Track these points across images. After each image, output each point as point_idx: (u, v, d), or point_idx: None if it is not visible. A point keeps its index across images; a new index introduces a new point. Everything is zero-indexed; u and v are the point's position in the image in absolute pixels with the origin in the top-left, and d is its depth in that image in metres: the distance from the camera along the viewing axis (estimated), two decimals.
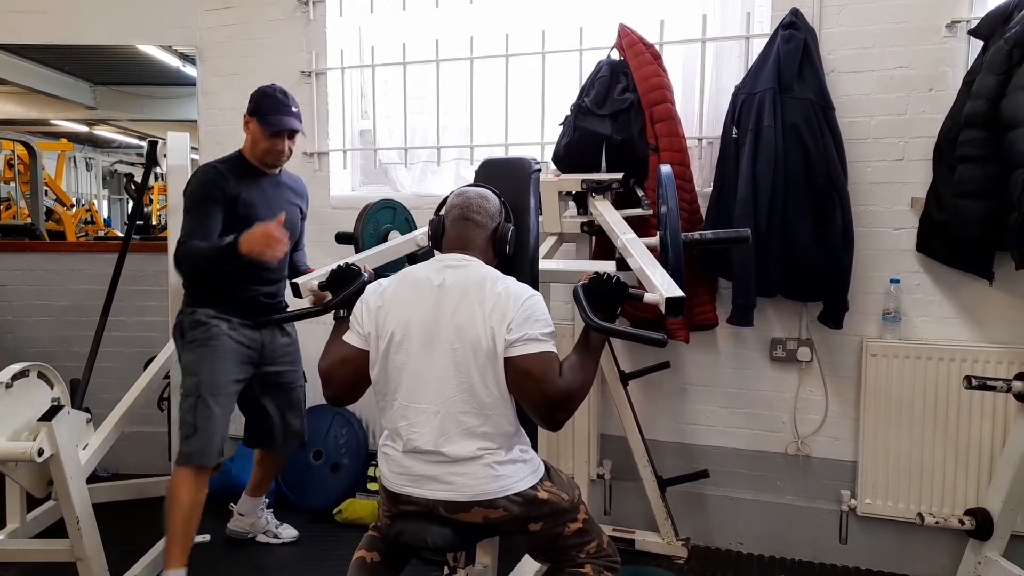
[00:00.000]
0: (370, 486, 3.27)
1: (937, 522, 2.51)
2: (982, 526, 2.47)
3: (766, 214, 2.55)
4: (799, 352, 2.80)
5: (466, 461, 1.62)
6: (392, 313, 1.69)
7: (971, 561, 2.50)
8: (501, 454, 1.64)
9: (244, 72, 3.44)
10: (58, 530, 2.63)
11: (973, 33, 2.49)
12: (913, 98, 2.62)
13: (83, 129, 11.87)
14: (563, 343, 1.75)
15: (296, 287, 2.04)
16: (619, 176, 2.59)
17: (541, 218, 2.53)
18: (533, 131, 3.19)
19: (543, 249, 2.48)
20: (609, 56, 2.84)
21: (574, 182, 2.59)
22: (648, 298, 1.70)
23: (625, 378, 2.77)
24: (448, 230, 1.82)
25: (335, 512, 3.16)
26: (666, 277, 1.76)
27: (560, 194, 2.61)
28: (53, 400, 2.54)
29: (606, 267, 1.99)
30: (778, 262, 2.59)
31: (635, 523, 2.96)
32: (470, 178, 2.11)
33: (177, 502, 2.37)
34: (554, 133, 2.90)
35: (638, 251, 1.95)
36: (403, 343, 1.67)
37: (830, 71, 2.67)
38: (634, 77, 2.73)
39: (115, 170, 15.18)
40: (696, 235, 2.11)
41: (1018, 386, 2.34)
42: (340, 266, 1.97)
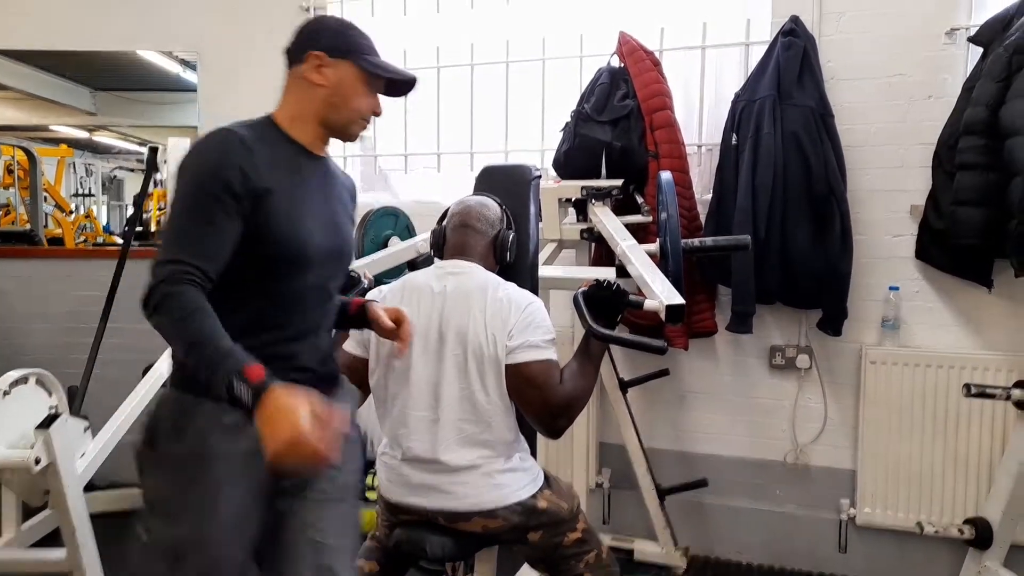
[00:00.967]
0: (368, 495, 3.25)
1: (936, 531, 2.50)
2: (982, 536, 2.46)
3: (765, 221, 2.55)
4: (798, 359, 2.80)
5: (465, 470, 1.61)
6: None
7: (971, 571, 2.49)
8: (500, 462, 1.64)
9: (245, 78, 3.44)
10: (54, 540, 2.59)
11: (973, 40, 2.49)
12: (912, 105, 2.63)
13: (83, 135, 11.88)
14: (563, 350, 1.75)
15: None
16: (619, 183, 2.60)
17: (541, 224, 2.53)
18: (533, 137, 3.18)
19: (543, 255, 2.48)
20: (609, 63, 2.84)
21: (574, 188, 2.59)
22: (648, 305, 1.71)
23: (624, 386, 2.76)
24: (449, 238, 1.82)
25: None
26: (666, 284, 1.76)
27: (560, 200, 2.61)
28: (51, 408, 2.52)
29: (606, 274, 1.98)
30: (777, 269, 2.59)
31: (634, 532, 2.95)
32: (470, 185, 2.10)
33: None
34: (554, 140, 2.90)
35: (638, 258, 1.95)
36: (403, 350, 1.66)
37: (829, 78, 2.67)
38: (634, 84, 2.73)
39: (114, 176, 15.20)
40: (696, 242, 2.10)
41: (1017, 394, 2.33)
42: None
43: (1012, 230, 2.26)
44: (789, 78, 2.59)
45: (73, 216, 9.84)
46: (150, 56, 7.16)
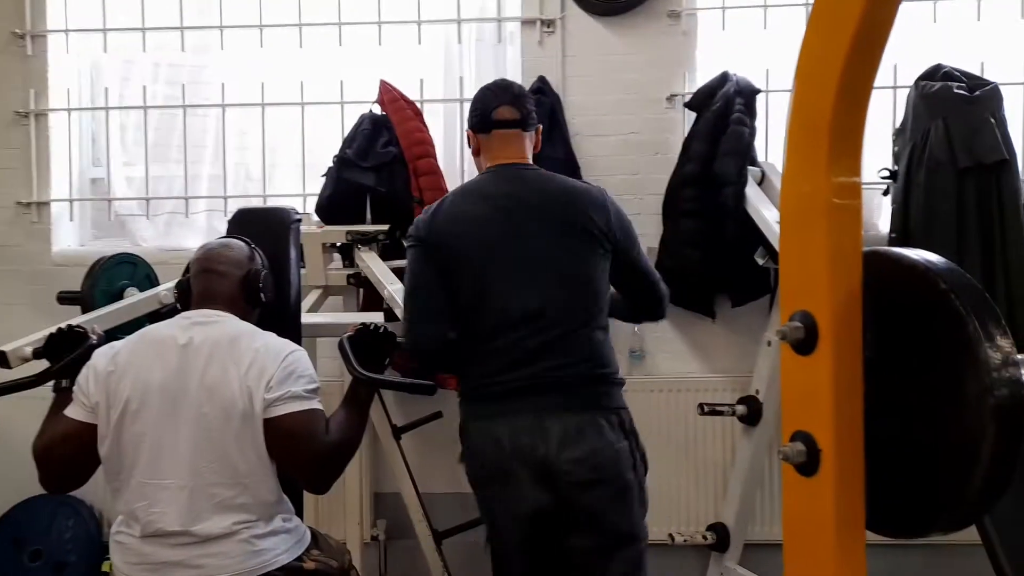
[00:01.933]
0: None
1: (685, 540, 2.76)
2: (721, 539, 2.76)
3: None
4: None
5: (220, 539, 1.46)
6: (127, 378, 1.49)
7: (715, 572, 2.78)
8: (261, 526, 1.50)
9: None
10: None
11: (688, 106, 2.89)
12: (644, 160, 2.96)
13: None
14: (332, 401, 1.67)
15: (3, 356, 1.73)
16: (385, 227, 2.59)
17: (304, 271, 2.43)
18: (294, 183, 3.08)
19: (308, 302, 2.38)
20: (371, 110, 2.85)
21: (339, 234, 2.54)
22: None
23: (398, 432, 2.71)
24: (193, 287, 1.67)
25: None
26: None
27: (324, 246, 2.55)
28: None
29: (374, 318, 1.95)
30: None
31: None
32: (223, 230, 1.96)
33: None
34: (316, 185, 2.83)
35: None
36: (141, 411, 1.47)
37: (575, 134, 2.92)
38: (396, 132, 2.77)
39: None
40: None
41: (740, 409, 2.68)
42: (61, 329, 1.71)
43: (728, 267, 2.63)
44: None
45: None
46: None
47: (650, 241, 2.92)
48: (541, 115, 2.77)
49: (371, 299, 2.70)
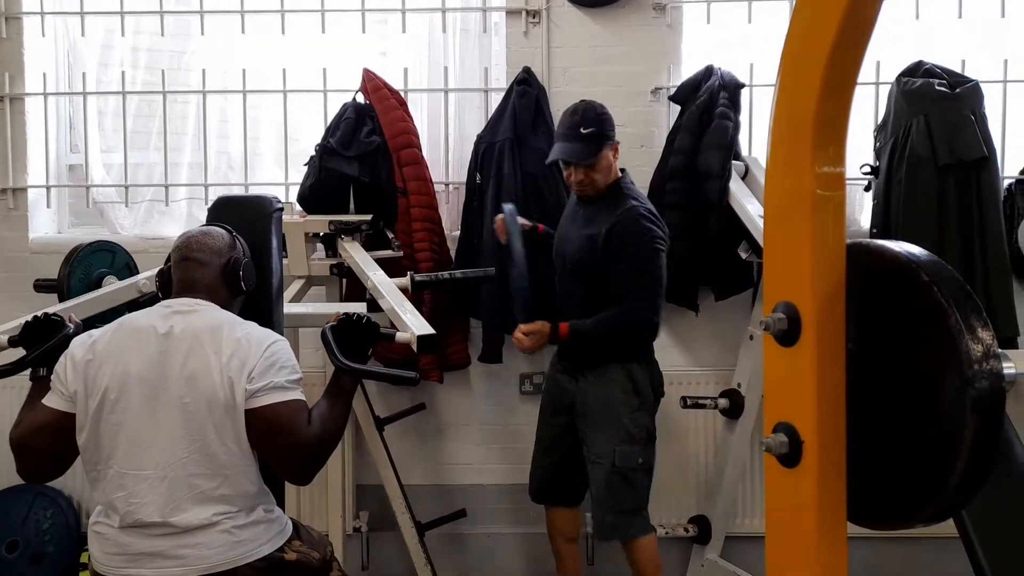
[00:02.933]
0: (82, 575, 2.79)
1: (667, 532, 2.78)
2: (703, 531, 2.78)
3: (510, 255, 2.69)
4: (544, 385, 2.96)
5: (200, 530, 1.44)
6: (106, 367, 1.47)
7: (696, 564, 2.80)
8: (242, 517, 1.49)
9: None
10: None
11: (672, 99, 2.89)
12: (630, 152, 2.94)
13: None
14: (314, 392, 1.66)
15: None
16: (368, 217, 2.58)
17: (286, 260, 2.41)
18: (276, 171, 3.05)
19: (290, 293, 2.36)
20: (355, 99, 2.82)
21: (321, 223, 2.52)
22: (400, 337, 1.70)
23: (381, 423, 2.70)
24: (173, 275, 1.64)
25: None
26: (417, 316, 1.77)
27: (307, 235, 2.53)
28: None
29: (357, 308, 1.94)
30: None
31: (395, 574, 2.87)
32: (204, 218, 1.93)
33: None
34: (299, 174, 2.80)
35: (389, 291, 1.94)
36: (119, 401, 1.45)
37: None
38: (380, 121, 2.75)
39: None
40: (446, 274, 2.15)
41: (723, 403, 2.70)
42: (37, 316, 1.68)
43: (711, 260, 2.63)
44: (525, 123, 2.78)
45: None
46: None
47: None
48: (526, 106, 2.79)
49: (354, 289, 2.69)
